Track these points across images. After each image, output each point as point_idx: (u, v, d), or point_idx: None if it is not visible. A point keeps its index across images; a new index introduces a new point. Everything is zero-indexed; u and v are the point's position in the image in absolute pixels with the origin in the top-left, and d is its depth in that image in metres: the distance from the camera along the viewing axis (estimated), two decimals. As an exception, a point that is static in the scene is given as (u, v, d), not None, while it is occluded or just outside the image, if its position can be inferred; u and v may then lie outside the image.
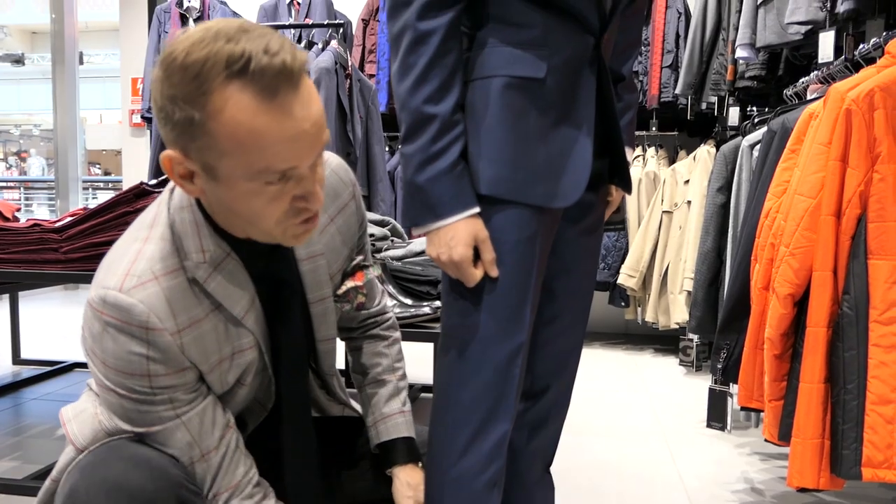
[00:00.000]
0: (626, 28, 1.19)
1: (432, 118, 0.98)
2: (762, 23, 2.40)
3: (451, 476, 1.06)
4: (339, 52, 2.87)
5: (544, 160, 1.03)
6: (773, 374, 1.45)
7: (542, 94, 1.02)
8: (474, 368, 1.05)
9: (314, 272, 1.07)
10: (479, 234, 1.01)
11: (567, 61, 1.04)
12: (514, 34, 1.02)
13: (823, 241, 1.35)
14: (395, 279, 1.93)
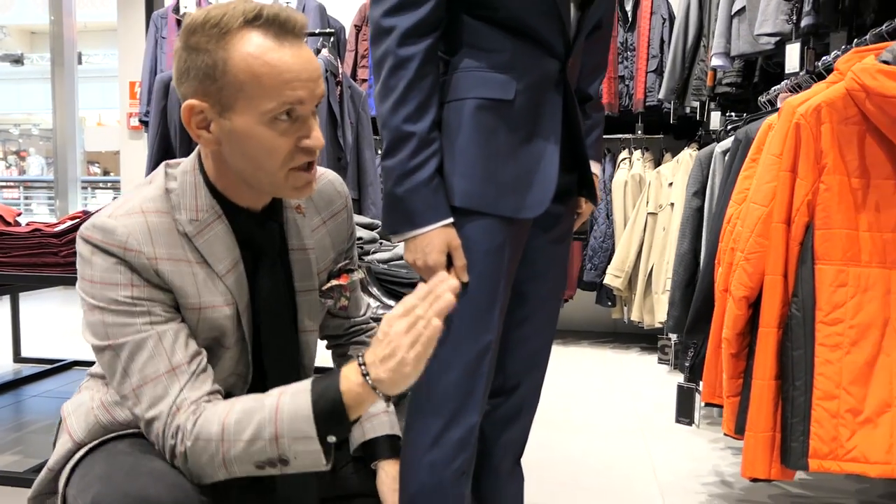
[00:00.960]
0: (592, 52, 1.28)
1: (411, 136, 1.07)
2: (736, 32, 2.49)
3: (423, 463, 1.14)
4: (329, 60, 2.95)
5: (513, 175, 1.12)
6: (730, 372, 1.54)
7: (510, 115, 1.11)
8: (446, 366, 1.13)
9: (302, 263, 1.15)
10: (451, 242, 1.10)
11: (534, 84, 1.13)
12: (485, 59, 1.11)
13: (774, 247, 1.44)
14: (380, 281, 2.01)
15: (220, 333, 1.06)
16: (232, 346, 1.09)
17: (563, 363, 3.64)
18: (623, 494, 2.03)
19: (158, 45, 4.39)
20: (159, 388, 0.96)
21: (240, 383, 1.14)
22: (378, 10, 1.09)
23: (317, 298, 1.19)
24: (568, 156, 1.21)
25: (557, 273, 1.31)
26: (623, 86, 3.91)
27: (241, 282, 1.07)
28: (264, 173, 1.00)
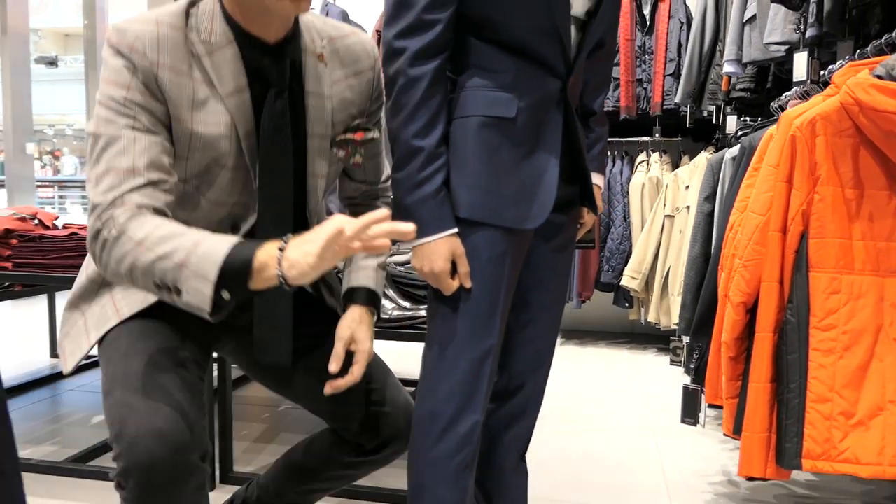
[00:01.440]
0: (595, 70, 1.35)
1: (419, 150, 1.14)
2: (748, 39, 2.53)
3: (429, 457, 1.23)
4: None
5: (515, 188, 1.20)
6: (729, 375, 1.60)
7: (513, 131, 1.19)
8: (450, 366, 1.21)
9: (317, 108, 1.22)
10: (456, 251, 1.17)
11: (536, 102, 1.20)
12: (490, 79, 1.19)
13: (771, 255, 1.49)
14: (395, 283, 2.10)
15: (216, 153, 1.14)
16: (230, 169, 1.16)
17: (579, 363, 3.70)
18: (630, 492, 2.09)
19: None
20: (115, 180, 1.04)
21: (244, 213, 1.21)
22: (391, 32, 1.17)
23: (328, 147, 1.25)
24: (569, 168, 1.28)
25: (560, 280, 1.38)
26: (641, 89, 3.94)
27: (243, 108, 1.15)
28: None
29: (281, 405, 2.86)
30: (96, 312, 1.27)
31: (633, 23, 3.94)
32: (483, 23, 1.18)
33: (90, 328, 1.28)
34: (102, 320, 1.25)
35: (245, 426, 2.60)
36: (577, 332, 4.52)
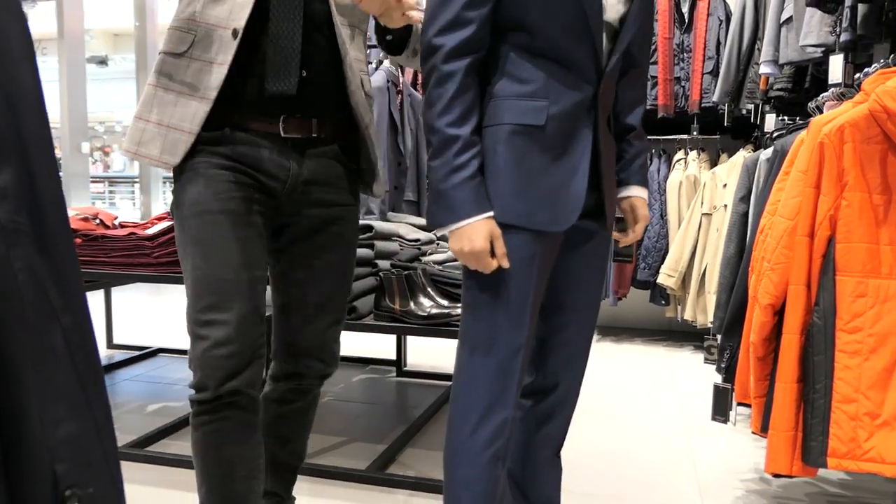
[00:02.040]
0: (631, 86, 1.41)
1: (456, 139, 1.21)
2: (784, 40, 2.53)
3: (463, 449, 1.31)
4: (390, 71, 3.14)
5: (544, 193, 1.26)
6: (757, 374, 1.65)
7: (542, 139, 1.25)
8: (482, 364, 1.29)
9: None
10: (493, 232, 1.24)
11: (566, 110, 1.26)
12: (520, 88, 1.26)
13: (798, 259, 1.53)
14: (434, 282, 2.18)
15: None
16: None
17: (615, 360, 3.74)
18: (662, 487, 2.14)
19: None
20: None
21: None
22: (430, 30, 1.25)
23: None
24: (595, 176, 1.34)
25: (593, 284, 1.44)
26: (679, 87, 3.95)
27: None
28: None
29: (322, 397, 2.98)
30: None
31: (672, 20, 3.95)
32: (516, 27, 1.25)
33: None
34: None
35: (290, 416, 2.72)
36: (614, 329, 4.55)
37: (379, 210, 3.01)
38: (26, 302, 0.58)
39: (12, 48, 0.59)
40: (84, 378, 0.63)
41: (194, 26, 1.34)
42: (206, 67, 1.34)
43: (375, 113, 2.97)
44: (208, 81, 1.33)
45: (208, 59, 1.34)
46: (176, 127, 1.34)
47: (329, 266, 1.51)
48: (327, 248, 1.50)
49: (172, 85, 1.35)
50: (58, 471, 0.63)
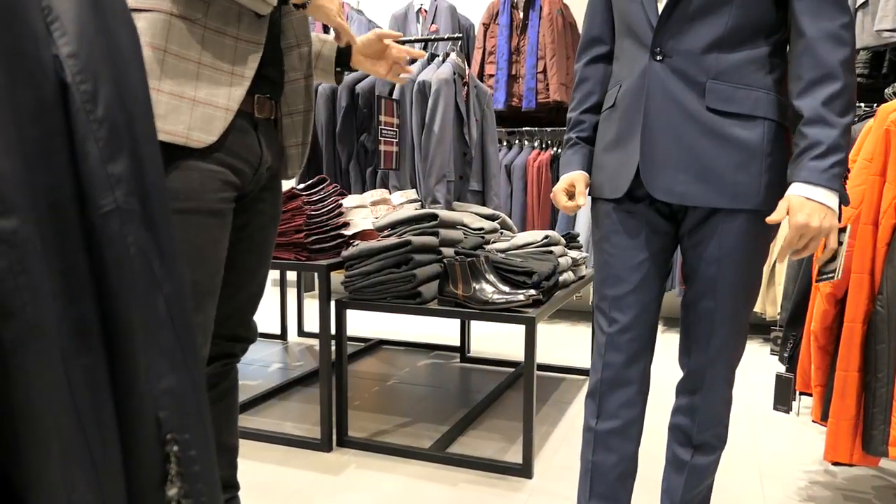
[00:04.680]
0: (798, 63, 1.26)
1: (569, 119, 1.53)
2: (860, 25, 2.46)
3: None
4: (457, 63, 3.20)
5: (612, 166, 1.40)
6: (818, 363, 1.64)
7: (613, 117, 1.41)
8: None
9: None
10: (572, 182, 1.48)
11: (630, 86, 1.36)
12: (614, 70, 1.45)
13: (861, 247, 1.52)
14: (497, 269, 2.24)
15: None
16: None
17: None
18: (724, 475, 2.15)
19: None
20: None
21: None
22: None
23: None
24: (674, 154, 1.32)
25: (705, 273, 1.35)
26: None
27: None
28: None
29: (389, 380, 3.09)
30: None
31: None
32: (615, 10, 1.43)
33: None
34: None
35: (357, 396, 2.85)
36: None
37: (444, 199, 3.09)
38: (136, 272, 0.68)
39: (123, 51, 0.69)
40: (182, 340, 0.73)
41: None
42: (231, 43, 1.29)
43: (442, 104, 3.05)
44: (241, 60, 1.30)
45: (232, 33, 1.29)
46: (207, 102, 1.25)
47: (264, 246, 1.52)
48: (265, 227, 1.51)
49: (189, 54, 1.24)
50: (160, 417, 0.73)
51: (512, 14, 4.33)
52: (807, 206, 1.18)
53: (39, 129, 0.62)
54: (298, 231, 2.29)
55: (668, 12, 1.30)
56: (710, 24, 1.28)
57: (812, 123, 1.21)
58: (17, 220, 0.57)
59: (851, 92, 1.23)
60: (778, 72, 1.31)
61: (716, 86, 1.28)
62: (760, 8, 1.28)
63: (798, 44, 1.25)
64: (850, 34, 1.24)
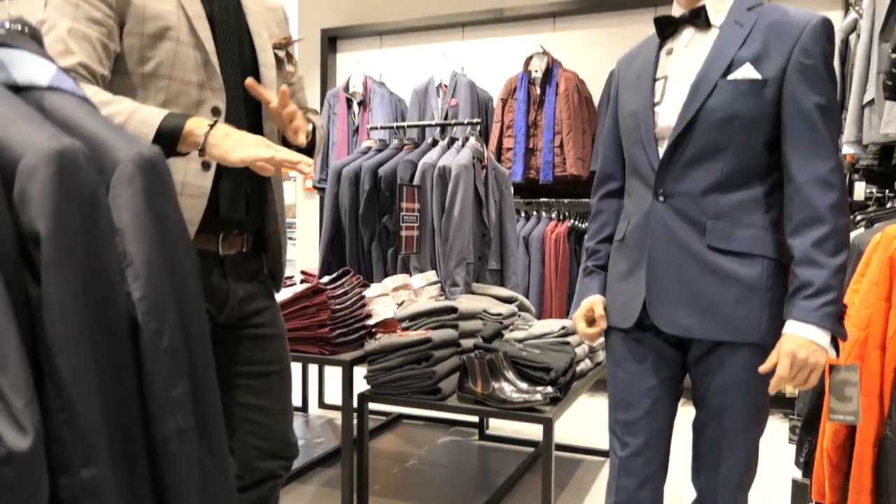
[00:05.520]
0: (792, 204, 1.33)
1: (587, 249, 1.64)
2: (867, 122, 2.53)
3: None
4: (476, 148, 3.31)
5: (622, 296, 1.48)
6: (832, 482, 1.67)
7: (622, 248, 1.50)
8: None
9: (255, 19, 1.47)
10: (591, 307, 1.55)
11: (638, 223, 1.45)
12: (625, 206, 1.53)
13: (869, 371, 1.56)
14: (514, 364, 2.30)
15: (165, 24, 1.32)
16: (186, 44, 1.33)
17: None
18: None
19: (331, 120, 5.01)
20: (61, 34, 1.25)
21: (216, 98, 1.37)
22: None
23: (269, 45, 1.50)
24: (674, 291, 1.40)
25: (714, 404, 1.40)
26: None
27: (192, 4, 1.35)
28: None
29: (409, 460, 3.12)
30: None
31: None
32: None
33: None
34: None
35: (377, 479, 2.88)
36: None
37: (464, 282, 3.17)
38: (192, 481, 0.75)
39: (185, 281, 0.78)
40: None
41: None
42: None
43: (461, 190, 3.15)
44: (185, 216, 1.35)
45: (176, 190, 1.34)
46: None
47: (272, 368, 1.52)
48: (266, 350, 1.51)
49: None
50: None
51: (529, 90, 4.46)
52: (797, 340, 1.26)
53: (114, 368, 0.70)
54: (323, 326, 2.37)
55: (667, 158, 1.39)
56: (708, 169, 1.37)
57: (803, 264, 1.29)
58: (97, 468, 0.65)
59: (842, 233, 1.30)
60: (775, 211, 1.38)
61: (716, 225, 1.36)
62: (753, 154, 1.36)
63: (789, 187, 1.34)
64: (838, 178, 1.32)
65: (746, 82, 1.33)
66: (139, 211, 0.74)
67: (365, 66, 5.11)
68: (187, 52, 1.35)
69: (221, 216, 1.41)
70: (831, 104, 1.33)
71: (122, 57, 1.32)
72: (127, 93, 1.32)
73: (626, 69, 1.56)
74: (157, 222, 0.76)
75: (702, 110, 1.35)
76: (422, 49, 5.08)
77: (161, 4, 1.33)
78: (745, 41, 1.36)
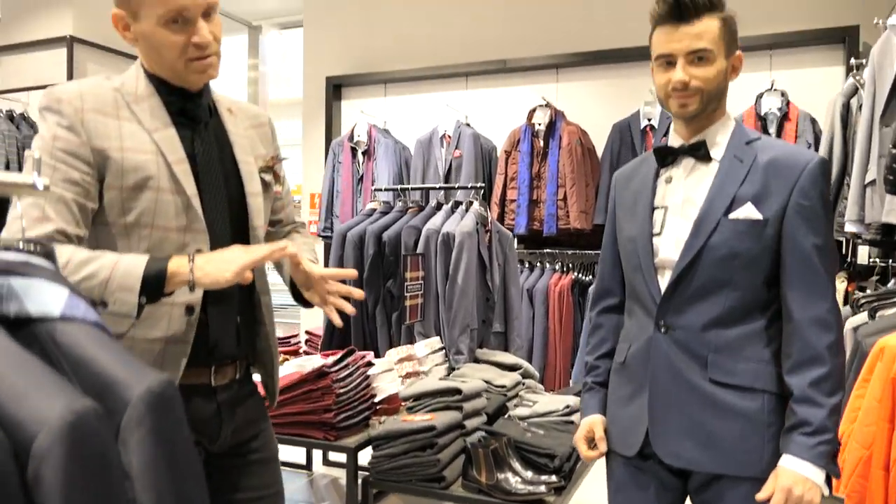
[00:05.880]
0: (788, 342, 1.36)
1: (586, 363, 1.64)
2: (869, 201, 2.54)
3: None
4: (479, 213, 3.33)
5: (624, 421, 1.49)
6: None
7: (623, 372, 1.51)
8: None
9: (241, 143, 1.47)
10: (591, 427, 1.57)
11: (639, 348, 1.46)
12: (625, 329, 1.55)
13: (874, 491, 1.57)
14: (518, 450, 2.30)
15: (145, 174, 1.31)
16: (166, 191, 1.32)
17: None
18: None
19: (336, 169, 5.05)
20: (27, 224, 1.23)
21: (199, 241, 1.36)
22: None
23: (256, 171, 1.49)
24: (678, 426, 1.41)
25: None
26: (768, 206, 3.95)
27: (170, 140, 1.34)
28: (168, 64, 1.32)
29: (414, 528, 3.11)
30: None
31: (758, 142, 3.97)
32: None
33: None
34: None
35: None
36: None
37: (468, 349, 3.18)
38: None
39: (194, 499, 0.79)
40: None
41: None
42: (154, 347, 1.31)
43: (465, 257, 3.17)
44: (167, 365, 1.31)
45: (157, 337, 1.31)
46: None
47: (266, 492, 1.50)
48: (261, 475, 1.50)
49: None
50: None
51: (533, 142, 4.49)
52: (793, 476, 1.29)
53: None
54: (327, 410, 2.38)
55: (670, 292, 1.41)
56: (710, 304, 1.39)
57: (801, 402, 1.32)
58: None
59: (838, 373, 1.34)
60: (775, 343, 1.40)
61: (717, 359, 1.38)
62: (754, 289, 1.38)
63: (788, 325, 1.36)
64: (835, 318, 1.35)
65: (748, 222, 1.36)
66: (149, 457, 0.75)
67: (369, 114, 5.15)
68: (168, 198, 1.33)
69: (214, 355, 1.41)
70: (828, 243, 1.36)
71: (103, 210, 1.32)
72: (109, 244, 1.32)
73: (622, 188, 1.58)
74: (167, 461, 0.77)
75: (705, 248, 1.37)
76: (426, 97, 5.12)
77: (139, 155, 1.32)
78: (746, 178, 1.38)
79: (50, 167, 1.26)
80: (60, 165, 1.27)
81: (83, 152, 1.28)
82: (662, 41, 1.40)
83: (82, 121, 1.28)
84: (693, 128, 1.45)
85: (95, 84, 1.35)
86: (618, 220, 1.57)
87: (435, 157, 4.76)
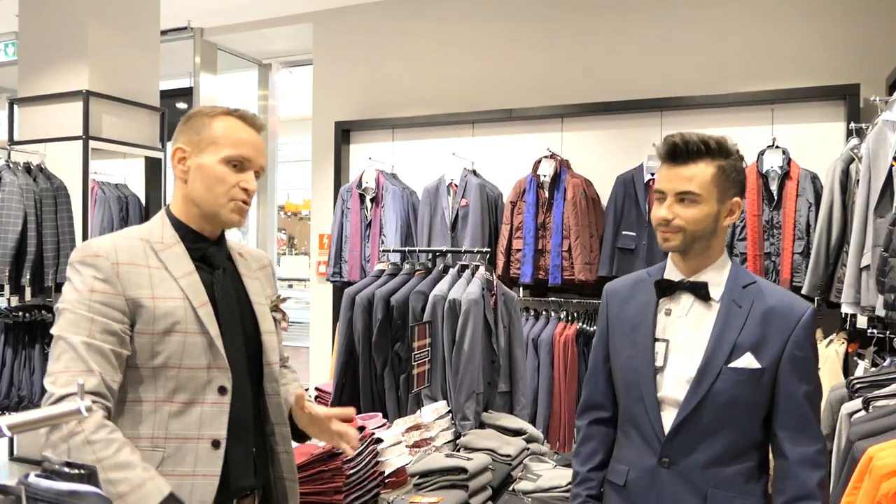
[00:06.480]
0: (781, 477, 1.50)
1: (577, 474, 1.68)
2: (865, 285, 2.61)
3: None
4: (485, 278, 3.41)
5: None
6: None
7: (623, 492, 1.57)
8: None
9: (253, 284, 1.60)
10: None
11: (640, 474, 1.54)
12: (618, 449, 1.62)
13: None
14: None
15: (174, 319, 1.41)
16: (193, 333, 1.42)
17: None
18: None
19: (344, 214, 5.14)
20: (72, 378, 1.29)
21: (222, 377, 1.45)
22: None
23: (268, 310, 1.62)
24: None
25: None
26: (769, 262, 4.01)
27: (195, 285, 1.46)
28: (212, 198, 1.47)
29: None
30: None
31: (760, 198, 4.04)
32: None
33: None
34: None
35: None
36: None
37: (474, 414, 3.25)
38: None
39: None
40: None
41: (161, 443, 1.39)
42: (187, 482, 1.38)
43: (471, 324, 3.25)
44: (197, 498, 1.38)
45: (186, 471, 1.39)
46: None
47: None
48: None
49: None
50: None
51: (538, 193, 4.57)
52: None
53: None
54: (338, 492, 2.46)
55: (674, 432, 1.49)
56: (710, 444, 1.47)
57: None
58: None
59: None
60: (765, 478, 1.51)
61: (716, 493, 1.47)
62: (751, 431, 1.49)
63: (780, 462, 1.47)
64: (823, 458, 1.46)
65: (747, 371, 1.45)
66: None
67: (377, 160, 5.24)
68: (195, 340, 1.43)
69: (232, 486, 1.47)
70: (817, 389, 1.45)
71: (134, 354, 1.40)
72: (137, 385, 1.41)
73: (617, 309, 1.65)
74: None
75: (708, 394, 1.47)
76: (433, 143, 5.21)
77: (168, 301, 1.42)
78: (744, 326, 1.47)
79: (88, 320, 1.36)
80: (98, 318, 1.36)
81: (119, 303, 1.39)
82: (660, 177, 1.49)
83: (118, 273, 1.39)
84: (690, 265, 1.53)
85: (125, 236, 1.48)
86: (613, 343, 1.64)
87: (442, 205, 4.84)
